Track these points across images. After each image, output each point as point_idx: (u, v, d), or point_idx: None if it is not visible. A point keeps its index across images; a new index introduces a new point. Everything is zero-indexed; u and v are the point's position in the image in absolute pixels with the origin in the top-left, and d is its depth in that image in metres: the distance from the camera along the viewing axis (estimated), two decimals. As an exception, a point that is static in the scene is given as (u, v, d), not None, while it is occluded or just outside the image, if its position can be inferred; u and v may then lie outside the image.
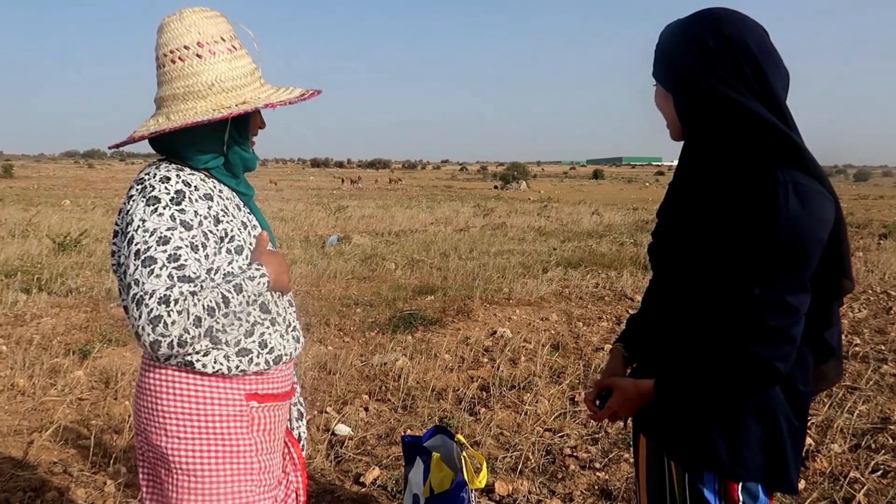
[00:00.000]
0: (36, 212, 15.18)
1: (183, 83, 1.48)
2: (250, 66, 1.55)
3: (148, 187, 1.42)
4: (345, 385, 4.42)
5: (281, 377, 1.63)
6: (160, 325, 1.29)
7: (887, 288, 7.75)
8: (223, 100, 1.48)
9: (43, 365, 4.49)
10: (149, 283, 1.32)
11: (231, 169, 1.58)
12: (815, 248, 1.23)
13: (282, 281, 1.55)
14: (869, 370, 4.69)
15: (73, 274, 7.87)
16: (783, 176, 1.22)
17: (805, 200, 1.21)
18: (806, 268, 1.23)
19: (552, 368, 4.80)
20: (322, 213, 17.73)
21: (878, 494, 3.02)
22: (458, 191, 36.46)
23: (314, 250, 10.55)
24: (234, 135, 1.55)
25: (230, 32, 1.53)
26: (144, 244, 1.35)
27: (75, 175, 49.78)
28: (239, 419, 1.53)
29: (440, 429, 2.50)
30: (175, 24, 1.48)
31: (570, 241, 12.55)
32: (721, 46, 1.27)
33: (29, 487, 2.98)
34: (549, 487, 3.11)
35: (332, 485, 3.11)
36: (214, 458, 1.50)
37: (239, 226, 1.53)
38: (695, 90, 1.31)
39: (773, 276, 1.22)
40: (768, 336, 1.23)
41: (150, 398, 1.50)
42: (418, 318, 6.04)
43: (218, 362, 1.48)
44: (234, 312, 1.40)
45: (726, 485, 1.35)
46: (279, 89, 1.58)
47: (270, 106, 1.51)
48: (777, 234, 1.20)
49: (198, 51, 1.47)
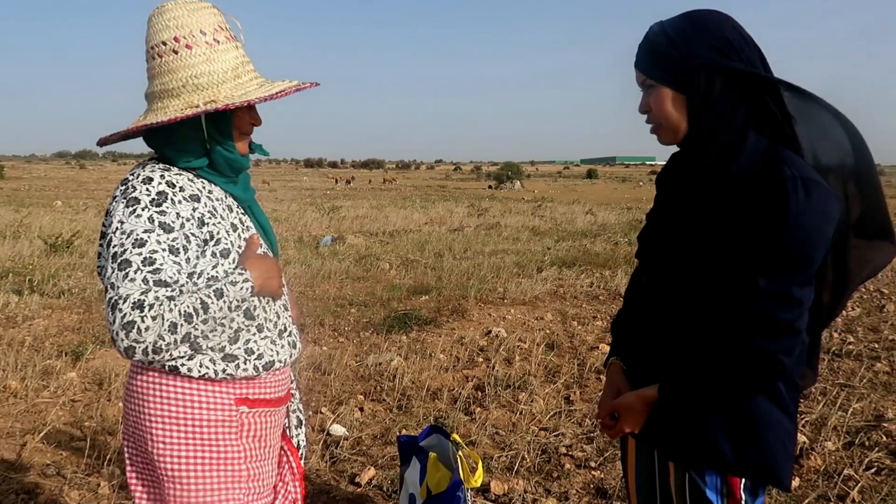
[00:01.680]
0: (27, 213, 15.09)
1: (160, 80, 1.43)
2: (236, 59, 1.46)
3: (130, 188, 1.38)
4: (340, 385, 4.41)
5: (274, 382, 1.57)
6: (133, 331, 1.24)
7: (880, 286, 7.79)
8: (194, 98, 1.41)
9: (35, 367, 4.46)
10: (123, 286, 1.27)
11: (217, 169, 1.50)
12: (822, 243, 1.23)
13: (269, 286, 1.48)
14: (862, 368, 4.71)
15: (65, 275, 7.83)
16: (791, 171, 1.23)
17: (812, 196, 1.21)
18: (812, 262, 1.23)
19: (547, 368, 4.80)
20: (316, 213, 17.70)
21: (873, 492, 3.03)
22: (453, 191, 36.46)
23: (308, 251, 10.53)
24: (214, 134, 1.46)
25: (215, 24, 1.44)
26: (121, 247, 1.31)
27: (67, 176, 49.54)
28: (228, 424, 1.48)
29: (436, 428, 2.50)
30: (156, 19, 1.43)
31: (564, 240, 12.57)
32: (730, 40, 1.30)
33: (22, 490, 2.96)
34: (545, 486, 3.11)
35: (328, 485, 3.11)
36: (201, 465, 1.46)
37: (227, 228, 1.46)
38: (710, 78, 1.29)
39: (781, 271, 1.22)
40: (775, 330, 1.23)
41: (138, 401, 1.46)
42: (413, 318, 6.03)
43: (204, 366, 1.43)
44: (214, 318, 1.35)
45: (729, 483, 1.35)
46: (264, 84, 1.49)
47: (247, 103, 1.42)
48: (786, 229, 1.21)
49: (174, 46, 1.41)
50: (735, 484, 1.35)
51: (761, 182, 1.24)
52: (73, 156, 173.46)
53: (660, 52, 1.34)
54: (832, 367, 4.81)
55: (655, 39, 1.35)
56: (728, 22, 1.32)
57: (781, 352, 1.23)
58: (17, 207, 17.69)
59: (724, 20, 1.32)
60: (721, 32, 1.30)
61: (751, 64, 1.30)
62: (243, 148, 1.54)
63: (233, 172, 1.53)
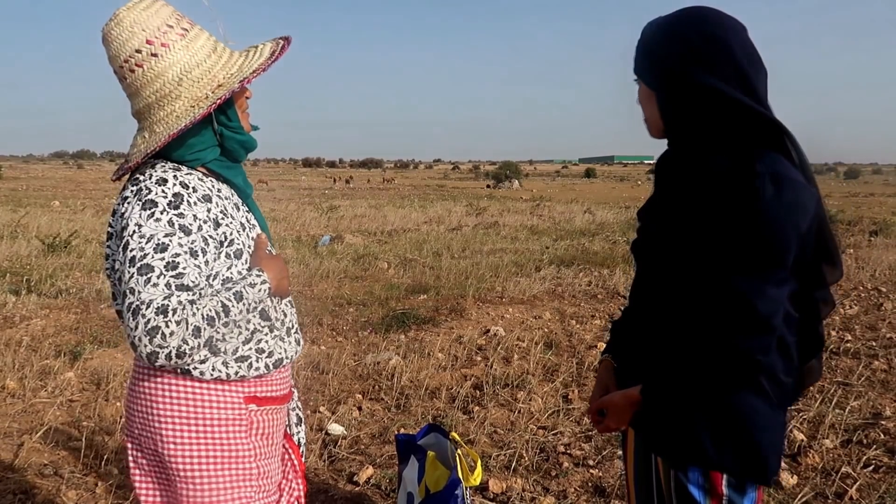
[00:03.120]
0: (25, 213, 15.05)
1: (150, 89, 1.37)
2: (209, 41, 1.43)
3: (144, 189, 1.34)
4: (338, 384, 4.40)
5: (280, 379, 1.58)
6: (157, 336, 1.22)
7: (878, 284, 7.80)
8: (197, 91, 1.38)
9: (33, 367, 4.45)
10: (145, 292, 1.24)
11: (231, 156, 1.50)
12: (794, 237, 1.22)
13: (282, 286, 1.48)
14: (860, 366, 4.72)
15: (63, 275, 7.81)
16: (762, 167, 1.23)
17: (783, 190, 1.21)
18: (785, 259, 1.23)
19: (545, 366, 4.80)
20: (314, 212, 17.68)
21: (871, 489, 3.04)
22: (451, 190, 36.44)
23: (306, 250, 10.52)
24: (223, 120, 1.46)
25: (174, 15, 1.40)
26: (141, 251, 1.28)
27: (65, 176, 49.45)
28: (238, 423, 1.47)
29: (434, 427, 2.49)
30: (116, 31, 1.35)
31: (562, 239, 12.57)
32: (706, 44, 1.29)
33: (19, 490, 2.95)
34: (543, 485, 3.11)
35: (326, 484, 3.10)
36: (213, 464, 1.45)
37: (238, 228, 1.46)
38: (679, 84, 1.31)
39: (752, 268, 1.22)
40: (749, 328, 1.23)
41: (145, 402, 1.45)
42: (411, 317, 6.03)
43: (216, 369, 1.42)
44: (234, 321, 1.34)
45: (711, 479, 1.35)
46: (248, 53, 1.46)
47: (247, 81, 1.40)
48: (756, 225, 1.21)
49: (150, 49, 1.35)
50: (717, 479, 1.35)
51: (733, 178, 1.24)
52: (70, 156, 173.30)
53: (640, 51, 1.39)
54: (830, 364, 4.82)
55: (642, 37, 1.40)
56: (706, 24, 1.30)
57: (755, 349, 1.23)
58: (15, 207, 17.64)
59: (702, 22, 1.30)
60: (695, 36, 1.29)
61: (720, 67, 1.27)
62: (247, 126, 1.54)
63: (246, 154, 1.53)
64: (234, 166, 1.53)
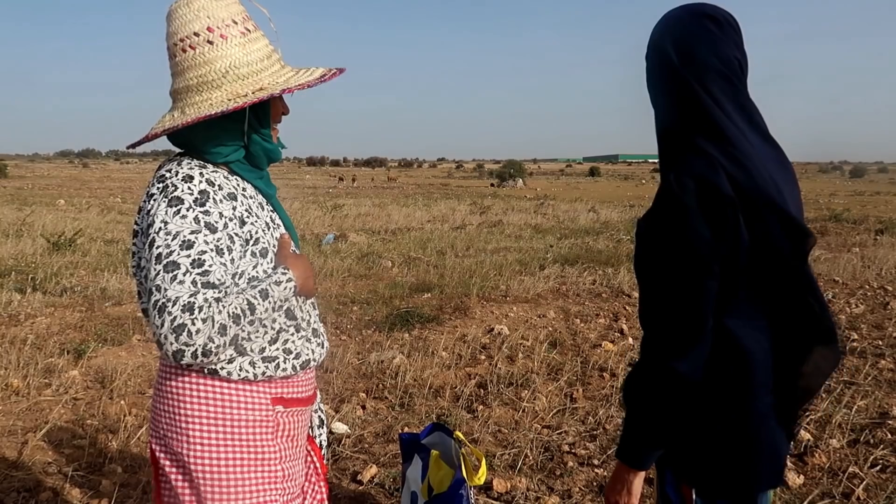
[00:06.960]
0: (30, 211, 15.11)
1: (195, 73, 1.38)
2: (267, 48, 1.45)
3: (170, 186, 1.34)
4: (342, 383, 4.40)
5: (306, 380, 1.57)
6: (184, 334, 1.22)
7: (884, 283, 7.76)
8: (239, 88, 1.38)
9: (38, 365, 4.46)
10: (172, 289, 1.23)
11: (254, 161, 1.49)
12: (701, 244, 1.17)
13: (308, 285, 1.47)
14: (867, 365, 4.69)
15: (68, 273, 7.83)
16: (671, 175, 1.21)
17: (681, 202, 1.18)
18: (702, 266, 1.18)
19: (550, 365, 4.79)
20: (318, 211, 17.69)
21: (878, 489, 3.02)
22: (455, 189, 36.43)
23: (311, 249, 10.52)
24: (255, 124, 1.45)
25: (242, 14, 1.43)
26: (167, 248, 1.27)
27: (70, 175, 49.63)
28: (265, 424, 1.46)
29: (438, 426, 2.48)
30: (183, 10, 1.38)
31: (566, 238, 12.54)
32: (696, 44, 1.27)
33: (23, 488, 2.96)
34: (548, 484, 3.09)
35: (330, 483, 3.09)
36: (240, 465, 1.43)
37: (263, 227, 1.45)
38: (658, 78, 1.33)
39: (667, 285, 1.20)
40: (670, 342, 1.21)
41: (172, 402, 1.43)
42: (415, 315, 6.02)
43: (244, 369, 1.41)
44: (259, 319, 1.33)
45: (682, 488, 1.34)
46: (299, 71, 1.47)
47: (289, 91, 1.41)
48: (659, 241, 1.21)
49: (208, 37, 1.37)
50: (686, 490, 1.34)
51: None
52: (76, 155, 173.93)
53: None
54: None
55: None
56: (691, 26, 1.27)
57: (679, 363, 1.19)
58: (20, 206, 17.70)
59: (692, 20, 1.28)
60: (683, 34, 1.28)
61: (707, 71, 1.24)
62: (275, 137, 1.54)
63: (268, 163, 1.53)
64: (255, 171, 1.52)
